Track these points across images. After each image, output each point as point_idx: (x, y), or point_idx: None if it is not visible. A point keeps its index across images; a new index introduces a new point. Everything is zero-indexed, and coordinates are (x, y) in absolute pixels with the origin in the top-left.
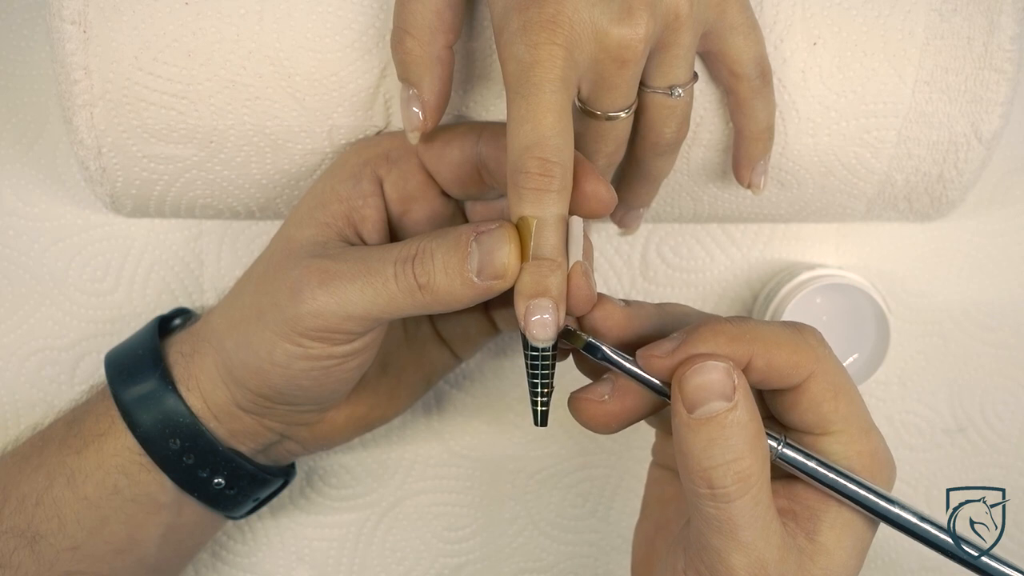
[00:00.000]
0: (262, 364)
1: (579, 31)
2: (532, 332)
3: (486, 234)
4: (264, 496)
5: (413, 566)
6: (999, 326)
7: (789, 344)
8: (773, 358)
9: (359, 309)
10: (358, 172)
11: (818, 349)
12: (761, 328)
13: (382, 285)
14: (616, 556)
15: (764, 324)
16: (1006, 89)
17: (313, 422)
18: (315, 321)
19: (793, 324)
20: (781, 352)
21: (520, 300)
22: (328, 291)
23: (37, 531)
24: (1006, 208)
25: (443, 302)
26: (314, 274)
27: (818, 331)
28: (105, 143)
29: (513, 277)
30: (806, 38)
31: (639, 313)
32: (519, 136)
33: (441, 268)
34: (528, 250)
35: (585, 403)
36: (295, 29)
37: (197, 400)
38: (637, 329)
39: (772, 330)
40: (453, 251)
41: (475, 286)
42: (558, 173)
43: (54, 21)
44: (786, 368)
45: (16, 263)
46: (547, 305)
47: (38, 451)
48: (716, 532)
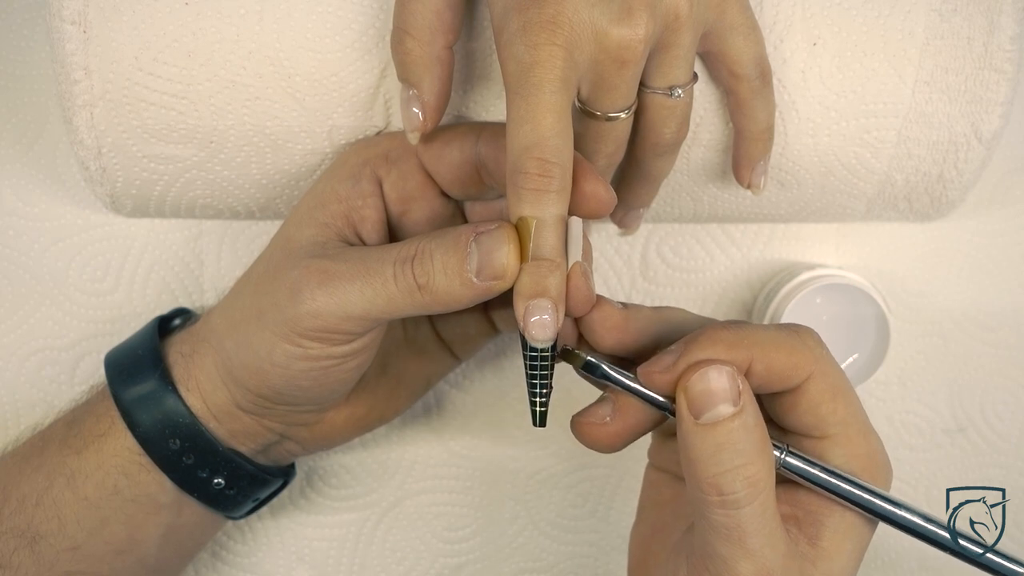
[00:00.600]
0: (262, 364)
1: (579, 31)
2: (531, 333)
3: (485, 234)
4: (264, 496)
5: (413, 566)
6: (999, 326)
7: (787, 346)
8: (772, 361)
9: (358, 309)
10: (357, 172)
11: (816, 350)
12: (758, 332)
13: (381, 285)
14: (616, 556)
15: (761, 328)
16: (1006, 89)
17: (312, 422)
18: (314, 321)
19: (790, 326)
20: (779, 354)
21: (519, 300)
22: (327, 291)
23: (37, 531)
24: (1006, 208)
25: (442, 302)
26: (313, 274)
27: (815, 332)
28: (105, 143)
29: (512, 277)
30: (806, 38)
31: (637, 316)
32: (518, 136)
33: (440, 268)
34: (528, 250)
35: (588, 427)
36: (295, 29)
37: (197, 400)
38: (635, 332)
39: (769, 333)
40: (452, 251)
41: (474, 286)
42: (557, 173)
43: (54, 21)
44: (785, 370)
45: (16, 263)
46: (546, 305)
47: (38, 451)
48: (724, 540)
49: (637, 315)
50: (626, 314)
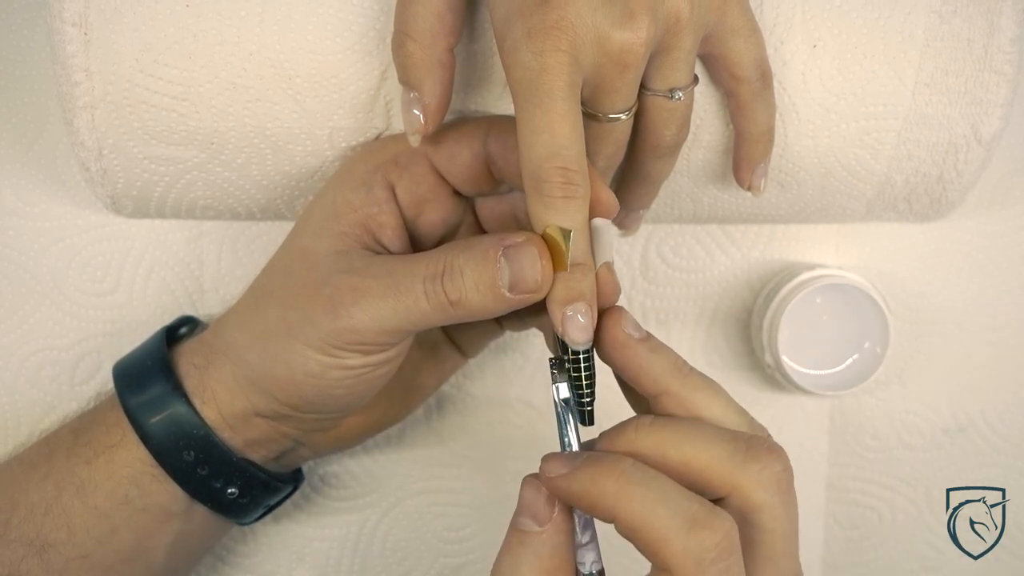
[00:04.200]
0: (294, 376)
1: (582, 36)
2: (572, 337)
3: (514, 248)
4: (275, 503)
5: (413, 566)
6: (999, 326)
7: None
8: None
9: (392, 324)
10: (369, 179)
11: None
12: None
13: (413, 303)
14: (615, 556)
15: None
16: (1006, 91)
17: (331, 428)
18: (352, 336)
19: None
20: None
21: (556, 307)
22: (362, 309)
23: (46, 540)
24: (1006, 208)
25: (476, 315)
26: (346, 293)
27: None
28: (106, 145)
29: (547, 289)
30: (806, 40)
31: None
32: (536, 146)
33: (472, 285)
34: (563, 259)
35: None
36: (296, 31)
37: (212, 411)
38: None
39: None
40: (482, 267)
41: (508, 300)
42: (580, 181)
43: (55, 23)
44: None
45: (16, 263)
46: (583, 309)
47: (45, 459)
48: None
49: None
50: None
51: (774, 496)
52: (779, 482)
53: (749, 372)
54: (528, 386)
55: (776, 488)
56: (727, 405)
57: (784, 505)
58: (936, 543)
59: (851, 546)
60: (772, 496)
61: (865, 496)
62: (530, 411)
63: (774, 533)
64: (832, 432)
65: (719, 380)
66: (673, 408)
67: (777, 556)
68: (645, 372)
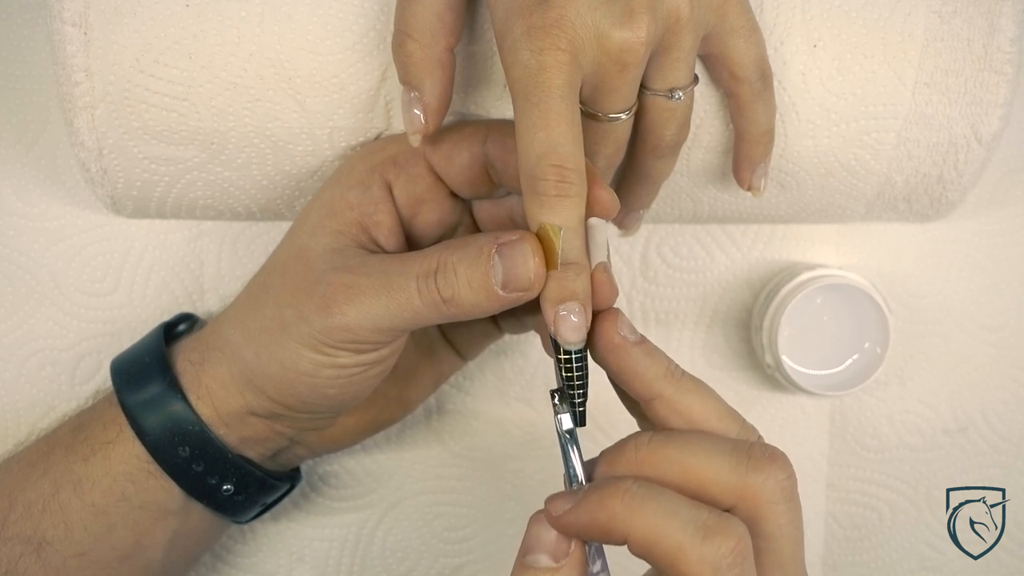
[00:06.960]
0: (287, 374)
1: (582, 35)
2: (564, 336)
3: (507, 246)
4: (271, 501)
5: (413, 566)
6: (999, 326)
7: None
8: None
9: (385, 322)
10: (367, 179)
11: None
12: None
13: (406, 300)
14: (616, 556)
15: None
16: (1006, 91)
17: (325, 427)
18: (345, 334)
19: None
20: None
21: (548, 306)
22: (355, 307)
23: (43, 537)
24: (1006, 208)
25: (469, 313)
26: (339, 291)
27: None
28: (106, 145)
29: (540, 287)
30: (806, 40)
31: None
32: (533, 144)
33: (465, 282)
34: (555, 257)
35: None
36: (296, 31)
37: (207, 408)
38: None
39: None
40: (475, 265)
41: (501, 298)
42: (576, 179)
43: (55, 23)
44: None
45: (16, 263)
46: (576, 308)
47: (44, 457)
48: None
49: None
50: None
51: (779, 504)
52: (783, 490)
53: (749, 372)
54: (528, 387)
55: (781, 496)
56: (719, 407)
57: (789, 512)
58: (936, 543)
59: (851, 546)
60: (777, 504)
61: (865, 496)
62: (530, 412)
63: (781, 540)
64: (832, 432)
65: (719, 380)
66: (666, 412)
67: (785, 563)
68: (639, 376)
